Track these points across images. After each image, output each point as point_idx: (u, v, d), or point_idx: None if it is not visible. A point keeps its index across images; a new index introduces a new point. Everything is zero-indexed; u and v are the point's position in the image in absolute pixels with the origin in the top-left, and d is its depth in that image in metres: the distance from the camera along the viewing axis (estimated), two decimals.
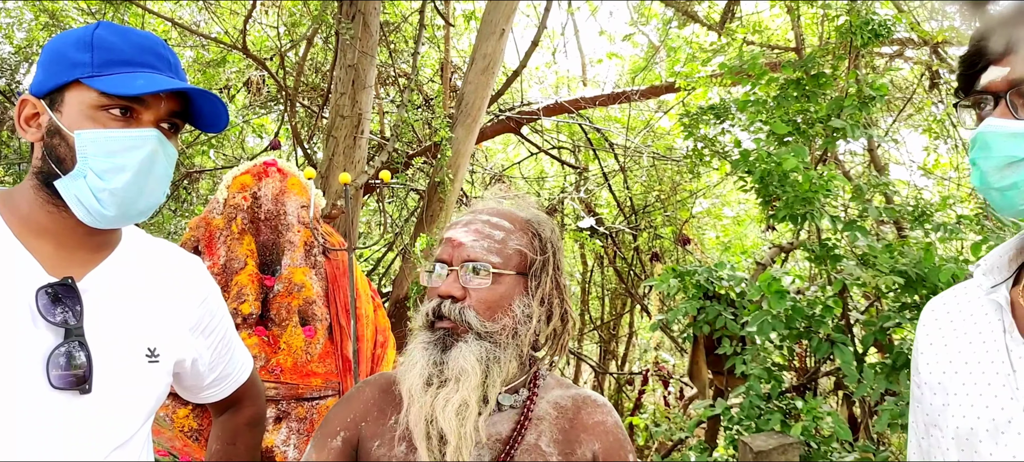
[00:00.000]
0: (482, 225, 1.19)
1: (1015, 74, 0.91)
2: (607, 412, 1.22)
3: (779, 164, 2.87)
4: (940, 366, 1.05)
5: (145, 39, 1.13)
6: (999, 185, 0.94)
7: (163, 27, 6.15)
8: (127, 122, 1.09)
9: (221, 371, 1.39)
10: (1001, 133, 0.92)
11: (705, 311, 3.42)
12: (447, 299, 1.15)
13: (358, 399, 1.26)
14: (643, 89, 6.26)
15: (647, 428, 5.11)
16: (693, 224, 7.17)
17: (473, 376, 1.10)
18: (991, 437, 0.94)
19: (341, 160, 4.40)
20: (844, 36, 3.28)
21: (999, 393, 0.94)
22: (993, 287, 1.02)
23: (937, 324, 1.10)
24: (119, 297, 1.16)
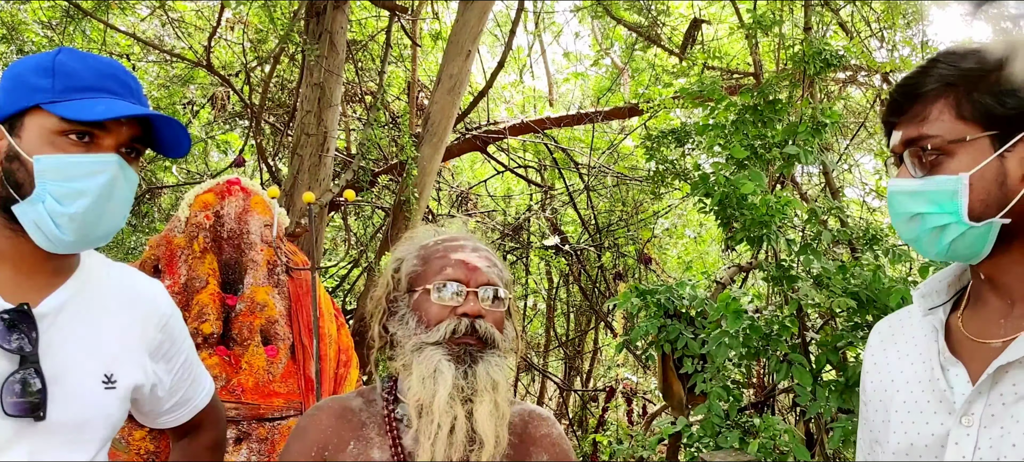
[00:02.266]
0: (487, 253, 1.31)
1: (905, 137, 0.99)
2: (552, 425, 1.32)
3: (737, 188, 2.96)
4: (882, 385, 1.11)
5: (107, 65, 1.13)
6: (908, 237, 1.03)
7: (126, 42, 6.07)
8: (87, 147, 1.09)
9: (181, 396, 1.38)
10: (900, 191, 1.01)
11: (666, 330, 3.48)
12: (478, 318, 1.22)
13: (315, 427, 1.27)
14: (607, 111, 6.36)
15: (610, 445, 5.15)
16: (655, 243, 7.27)
17: (504, 386, 1.21)
18: (930, 452, 0.98)
19: (306, 177, 4.39)
20: (798, 64, 3.40)
21: (937, 409, 0.99)
22: (930, 309, 1.08)
23: (882, 345, 1.15)
24: (76, 323, 1.15)
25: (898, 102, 1.01)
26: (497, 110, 7.65)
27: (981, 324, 1.02)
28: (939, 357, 1.02)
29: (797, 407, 4.07)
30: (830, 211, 3.37)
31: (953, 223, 0.95)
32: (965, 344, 1.02)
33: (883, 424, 1.08)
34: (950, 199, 0.95)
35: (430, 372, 1.18)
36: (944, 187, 0.95)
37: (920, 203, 0.98)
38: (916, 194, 0.98)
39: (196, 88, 6.59)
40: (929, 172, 0.97)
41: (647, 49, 6.68)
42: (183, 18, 6.32)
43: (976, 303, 1.05)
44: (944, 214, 0.96)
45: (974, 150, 0.94)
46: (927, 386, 1.02)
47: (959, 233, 0.95)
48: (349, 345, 3.29)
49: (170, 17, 5.88)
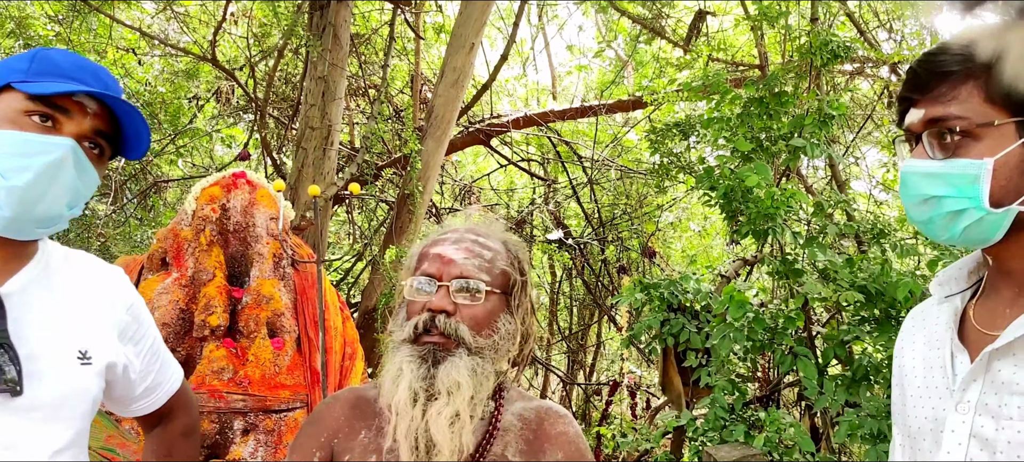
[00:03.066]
0: (471, 244, 1.23)
1: (928, 116, 0.96)
2: (568, 422, 1.27)
3: (742, 181, 2.95)
4: (904, 369, 1.13)
5: (87, 62, 1.15)
6: (919, 219, 1.00)
7: (132, 37, 6.07)
8: (47, 129, 1.10)
9: (152, 380, 1.38)
10: (916, 172, 0.98)
11: (669, 324, 3.48)
12: (441, 313, 1.16)
13: (328, 416, 1.27)
14: (610, 104, 6.35)
15: (614, 438, 5.16)
16: (659, 237, 7.27)
17: (467, 390, 1.13)
18: (932, 435, 1.00)
19: (310, 171, 4.39)
20: (805, 56, 3.38)
21: (942, 395, 1.01)
22: (947, 297, 1.08)
23: (911, 330, 1.16)
24: (43, 302, 1.16)
25: (921, 79, 0.98)
26: (500, 103, 7.64)
27: (989, 313, 1.02)
28: (951, 344, 1.03)
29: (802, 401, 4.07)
30: (837, 204, 3.36)
31: (971, 208, 0.94)
32: (972, 333, 1.02)
33: (901, 405, 1.10)
34: (971, 184, 0.93)
35: (395, 372, 1.16)
36: (967, 171, 0.93)
37: (938, 186, 0.96)
38: (935, 176, 0.96)
39: (201, 82, 6.59)
40: (951, 154, 0.95)
41: (651, 41, 6.66)
42: (188, 13, 6.32)
43: (990, 292, 1.04)
44: (963, 199, 0.94)
45: (1000, 135, 0.92)
46: (937, 372, 1.03)
47: (976, 218, 0.94)
48: (354, 338, 3.30)
49: (175, 12, 5.88)
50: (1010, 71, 0.91)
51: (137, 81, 6.24)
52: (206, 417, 2.74)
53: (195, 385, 2.78)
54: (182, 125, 6.30)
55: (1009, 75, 0.91)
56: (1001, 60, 0.92)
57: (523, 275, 1.26)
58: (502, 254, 1.25)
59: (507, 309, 1.23)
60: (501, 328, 1.20)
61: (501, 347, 1.20)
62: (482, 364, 1.16)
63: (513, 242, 1.30)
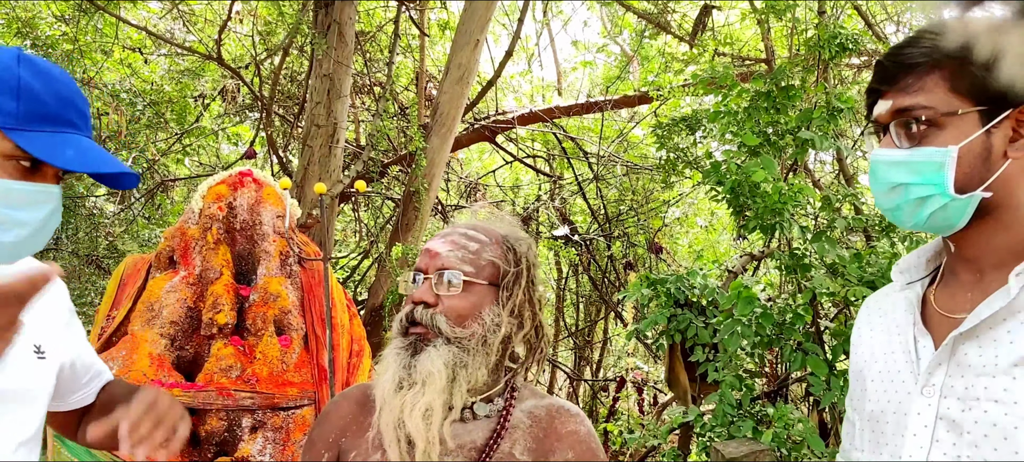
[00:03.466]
0: (459, 237, 1.23)
1: (895, 107, 1.00)
2: (580, 421, 1.25)
3: (749, 176, 2.93)
4: (862, 356, 1.16)
5: (66, 88, 1.09)
6: (888, 206, 1.04)
7: (138, 36, 6.08)
8: (30, 175, 1.06)
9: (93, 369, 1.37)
10: (885, 161, 1.01)
11: (676, 319, 3.47)
12: (420, 305, 1.18)
13: (336, 415, 1.28)
14: (616, 99, 6.33)
15: (621, 434, 5.15)
16: (666, 232, 7.25)
17: (438, 380, 1.13)
18: (896, 419, 1.03)
19: (316, 169, 4.40)
20: (813, 49, 3.36)
21: (906, 379, 1.03)
22: (908, 284, 1.12)
23: (868, 318, 1.19)
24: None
25: (888, 71, 1.02)
26: (505, 100, 7.64)
27: (950, 297, 1.05)
28: (913, 329, 1.06)
29: (810, 396, 4.06)
30: (845, 198, 3.34)
31: (936, 195, 0.97)
32: (935, 317, 1.06)
33: (861, 392, 1.13)
34: (937, 171, 0.97)
35: (384, 363, 1.18)
36: (932, 159, 0.97)
37: (905, 173, 0.99)
38: (902, 164, 1.00)
39: (207, 81, 6.61)
40: (917, 143, 0.99)
41: (656, 36, 6.64)
42: (193, 12, 6.34)
43: (949, 277, 1.08)
44: (929, 185, 0.98)
45: (964, 124, 0.96)
46: (899, 356, 1.06)
47: (941, 205, 0.98)
48: (361, 335, 3.30)
49: (181, 11, 5.90)
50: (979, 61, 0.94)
51: (144, 80, 6.26)
52: (214, 415, 2.75)
53: (203, 383, 2.79)
54: (188, 124, 6.31)
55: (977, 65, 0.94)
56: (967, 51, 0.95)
57: (518, 266, 1.25)
58: (491, 246, 1.24)
59: (495, 301, 1.22)
60: (486, 319, 1.19)
61: (490, 339, 1.19)
62: (462, 355, 1.16)
63: (515, 236, 1.29)
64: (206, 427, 2.75)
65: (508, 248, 1.26)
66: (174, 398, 1.19)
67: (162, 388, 1.30)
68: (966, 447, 0.94)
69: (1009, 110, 0.95)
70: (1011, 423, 0.91)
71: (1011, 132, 0.96)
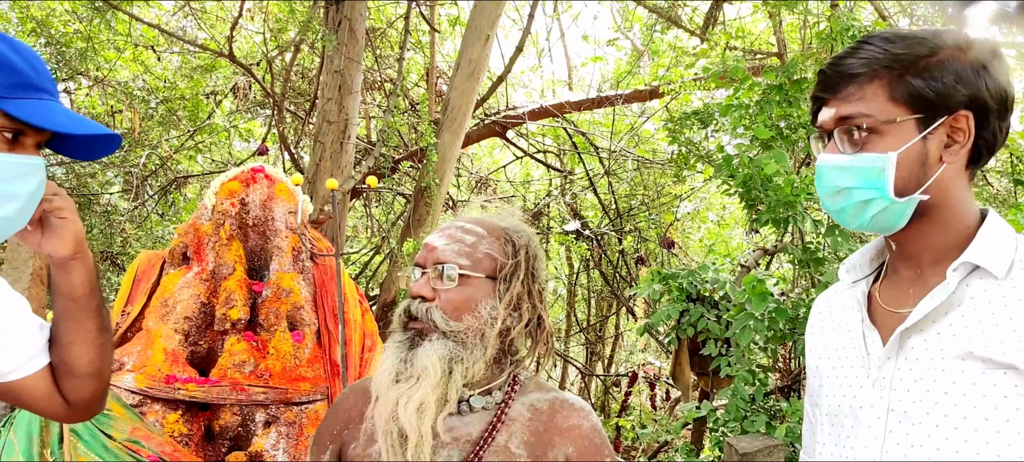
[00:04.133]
0: (456, 230, 1.24)
1: (838, 114, 1.04)
2: (584, 416, 1.22)
3: (761, 169, 2.92)
4: (817, 353, 1.20)
5: (39, 61, 1.10)
6: (833, 208, 1.08)
7: (151, 34, 6.12)
8: (13, 146, 1.06)
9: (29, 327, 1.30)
10: (829, 166, 1.06)
11: (688, 314, 3.45)
12: (417, 299, 1.19)
13: (342, 408, 1.30)
14: (627, 94, 6.31)
15: (634, 430, 5.15)
16: (677, 227, 7.23)
17: (433, 374, 1.13)
18: (852, 412, 1.08)
19: (328, 165, 4.41)
20: (825, 42, 3.34)
21: (858, 374, 1.09)
22: (854, 283, 1.17)
23: (819, 316, 1.24)
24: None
25: (831, 81, 1.06)
26: (516, 95, 7.63)
27: (894, 293, 1.10)
28: (861, 325, 1.11)
29: None
30: None
31: (878, 198, 1.02)
32: (880, 313, 1.11)
33: (818, 388, 1.18)
34: (878, 176, 1.02)
35: (384, 357, 1.19)
36: (873, 164, 1.02)
37: (848, 178, 1.04)
38: (845, 169, 1.04)
39: (219, 78, 6.64)
40: (859, 149, 1.03)
41: (667, 30, 6.61)
42: (205, 9, 6.37)
43: (891, 274, 1.13)
44: (871, 189, 1.02)
45: (901, 131, 1.02)
46: (850, 353, 1.11)
47: (882, 207, 1.03)
48: (373, 330, 3.32)
49: (193, 8, 5.93)
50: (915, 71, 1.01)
51: (157, 78, 6.30)
52: (228, 409, 2.77)
53: (217, 378, 2.81)
54: (201, 121, 6.35)
55: (913, 75, 1.00)
56: (904, 61, 1.01)
57: (516, 258, 1.24)
58: (488, 239, 1.23)
59: (493, 294, 1.21)
60: (483, 312, 1.19)
61: (487, 332, 1.18)
62: (458, 349, 1.16)
63: (515, 228, 1.28)
64: (220, 422, 2.77)
65: (507, 240, 1.25)
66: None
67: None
68: (919, 437, 0.99)
69: (943, 117, 1.01)
70: (961, 413, 0.96)
71: (946, 138, 1.02)
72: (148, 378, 2.68)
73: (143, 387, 2.66)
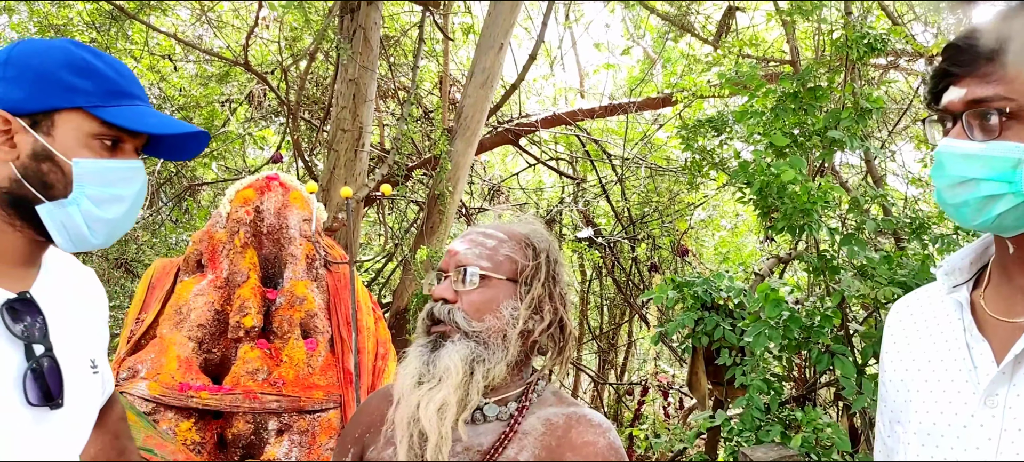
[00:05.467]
0: (477, 235, 1.26)
1: (970, 96, 0.92)
2: (601, 433, 1.19)
3: (777, 176, 2.90)
4: (903, 364, 1.09)
5: (124, 67, 1.13)
6: (952, 202, 0.96)
7: (167, 43, 6.19)
8: (114, 152, 1.10)
9: (108, 373, 1.36)
10: (954, 153, 0.94)
11: (703, 322, 3.44)
12: (439, 302, 1.20)
13: (366, 412, 1.31)
14: (639, 102, 6.30)
15: (647, 439, 5.12)
16: (691, 235, 7.19)
17: (455, 375, 1.13)
18: (953, 432, 0.96)
19: (342, 173, 4.43)
20: (840, 50, 3.32)
21: (962, 389, 0.97)
22: (954, 288, 1.05)
23: (901, 325, 1.13)
24: (60, 310, 1.15)
25: (964, 56, 0.94)
26: (528, 103, 7.64)
27: (1005, 301, 0.99)
28: (965, 336, 0.99)
29: (839, 400, 3.99)
30: (874, 199, 3.29)
31: (1008, 194, 0.90)
32: (989, 322, 0.99)
33: (905, 404, 1.06)
34: (1012, 168, 0.89)
35: (406, 361, 1.20)
36: (1009, 155, 0.90)
37: (977, 168, 0.92)
38: (975, 158, 0.92)
39: (234, 86, 6.70)
40: (994, 137, 0.91)
41: (679, 39, 6.59)
42: (221, 18, 6.43)
43: (1001, 280, 1.01)
44: (1002, 183, 0.90)
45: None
46: (951, 365, 1.00)
47: (1012, 205, 0.91)
48: (386, 338, 3.32)
49: (208, 17, 5.98)
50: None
51: (173, 86, 6.36)
52: (241, 417, 2.78)
53: (230, 386, 2.82)
54: (215, 129, 6.40)
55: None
56: None
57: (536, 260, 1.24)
58: (509, 242, 1.24)
59: (514, 296, 1.21)
60: (505, 313, 1.19)
61: (509, 334, 1.18)
62: (480, 349, 1.17)
63: (535, 233, 1.29)
64: (233, 430, 2.78)
65: (527, 244, 1.26)
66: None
67: None
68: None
69: None
70: None
71: None
72: (161, 386, 2.69)
73: (157, 395, 2.67)
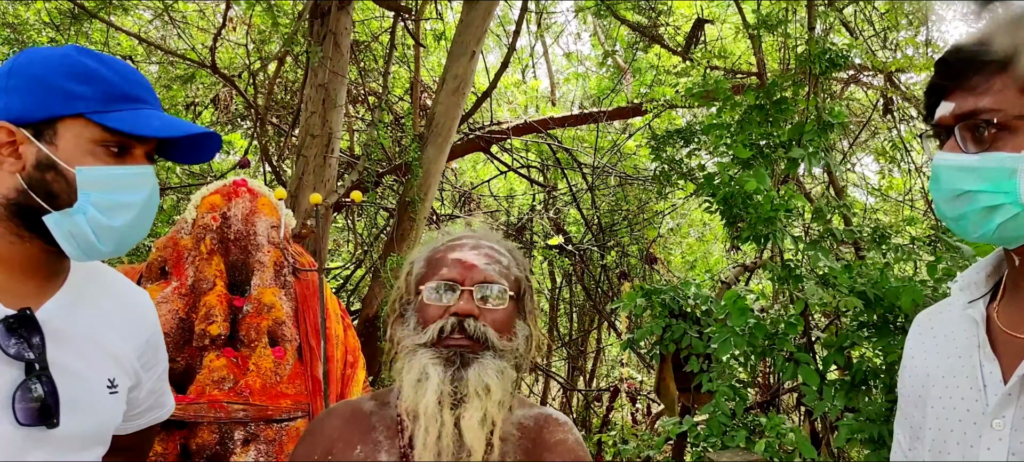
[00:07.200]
0: (490, 250, 1.25)
1: (960, 109, 0.93)
2: (568, 430, 1.26)
3: (742, 186, 2.96)
4: (919, 379, 1.08)
5: (129, 71, 1.12)
6: (951, 215, 0.97)
7: (128, 43, 6.07)
8: (122, 159, 1.08)
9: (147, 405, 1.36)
10: (949, 166, 0.94)
11: (671, 329, 3.49)
12: (469, 317, 1.17)
13: (322, 432, 1.27)
14: (611, 111, 6.37)
15: (615, 445, 5.16)
16: (660, 243, 7.28)
17: (496, 392, 1.13)
18: (960, 449, 0.96)
19: (311, 179, 4.40)
20: (803, 64, 3.40)
21: (971, 408, 0.97)
22: (970, 302, 1.04)
23: (920, 338, 1.12)
24: (78, 327, 1.13)
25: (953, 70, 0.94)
26: (500, 110, 7.66)
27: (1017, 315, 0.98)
28: (979, 352, 0.99)
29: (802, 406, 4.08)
30: (836, 209, 3.37)
31: (1007, 204, 0.90)
32: (1000, 337, 0.98)
33: (921, 417, 1.06)
34: (1008, 178, 0.89)
35: (418, 376, 1.15)
36: (1003, 165, 0.90)
37: (972, 180, 0.92)
38: (969, 170, 0.92)
39: (199, 88, 6.59)
40: (986, 148, 0.91)
41: (649, 49, 6.68)
42: (186, 18, 6.33)
43: (1013, 293, 1.00)
44: (999, 194, 0.90)
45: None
46: (963, 381, 0.99)
47: (1012, 215, 0.90)
48: (355, 346, 3.30)
49: (173, 18, 5.89)
50: None
51: None
52: (206, 427, 2.74)
53: (195, 395, 2.77)
54: None
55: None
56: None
57: (528, 280, 1.29)
58: (510, 258, 1.27)
59: (519, 314, 1.24)
60: (518, 332, 1.22)
61: (521, 351, 1.21)
62: (506, 367, 1.18)
63: (516, 249, 1.32)
64: (197, 440, 2.74)
65: (519, 261, 1.29)
66: None
67: None
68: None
69: None
70: None
71: None
72: None
73: None
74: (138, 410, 1.34)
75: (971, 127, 0.92)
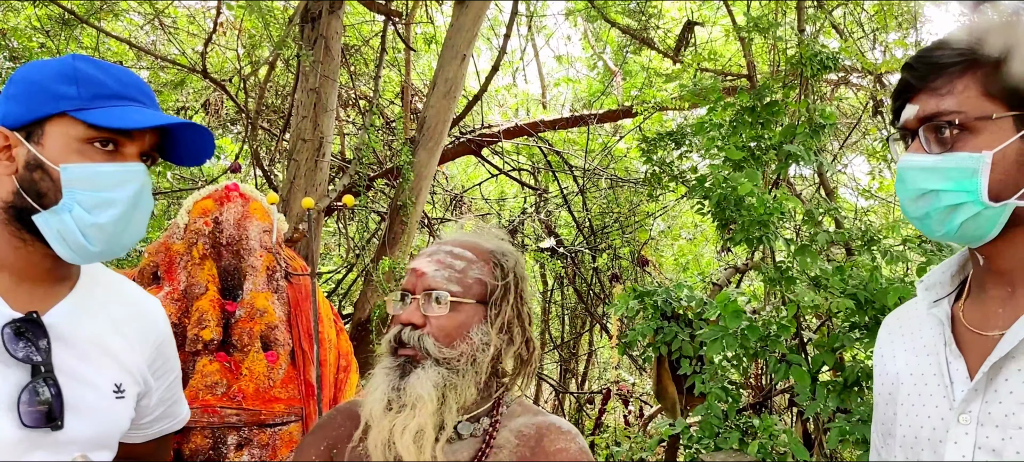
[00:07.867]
0: (445, 255, 1.22)
1: (923, 111, 0.95)
2: (571, 439, 1.22)
3: (734, 188, 2.97)
4: (890, 378, 1.10)
5: (126, 74, 1.13)
6: (916, 214, 0.99)
7: (119, 48, 6.04)
8: (112, 156, 1.08)
9: (157, 414, 1.37)
10: (914, 167, 0.97)
11: (663, 331, 3.50)
12: (408, 326, 1.18)
13: (330, 427, 1.29)
14: (601, 113, 6.38)
15: (608, 447, 5.16)
16: (651, 245, 7.30)
17: (429, 403, 1.12)
18: (931, 445, 0.98)
19: (302, 183, 4.39)
20: (794, 67, 3.42)
21: (940, 404, 0.99)
22: (935, 302, 1.06)
23: (890, 338, 1.15)
24: (85, 331, 1.14)
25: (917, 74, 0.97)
26: (491, 113, 7.67)
27: (981, 313, 1.01)
28: (945, 350, 1.01)
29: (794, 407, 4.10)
30: (827, 212, 3.40)
31: (968, 203, 0.93)
32: (966, 335, 1.01)
33: (892, 417, 1.09)
34: (970, 177, 0.92)
35: (373, 383, 1.18)
36: (965, 164, 0.92)
37: (936, 180, 0.94)
38: (932, 170, 0.94)
39: (189, 93, 6.57)
40: (948, 149, 0.94)
41: (639, 52, 6.70)
42: (176, 23, 6.31)
43: (977, 292, 1.03)
44: (961, 192, 0.93)
45: (998, 129, 0.92)
46: (931, 379, 1.02)
47: (973, 213, 0.93)
48: (348, 350, 3.29)
49: (163, 22, 5.86)
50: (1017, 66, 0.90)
51: None
52: (199, 432, 2.72)
53: (188, 399, 2.76)
54: None
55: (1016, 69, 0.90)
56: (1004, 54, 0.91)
57: (505, 281, 1.24)
58: (477, 263, 1.23)
59: (484, 319, 1.21)
60: (475, 338, 1.19)
61: (479, 358, 1.18)
62: (451, 376, 1.16)
63: (501, 250, 1.28)
64: (190, 445, 2.72)
65: (495, 264, 1.25)
66: None
67: None
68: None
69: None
70: None
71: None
72: None
73: None
74: (149, 418, 1.34)
75: (934, 128, 0.95)
